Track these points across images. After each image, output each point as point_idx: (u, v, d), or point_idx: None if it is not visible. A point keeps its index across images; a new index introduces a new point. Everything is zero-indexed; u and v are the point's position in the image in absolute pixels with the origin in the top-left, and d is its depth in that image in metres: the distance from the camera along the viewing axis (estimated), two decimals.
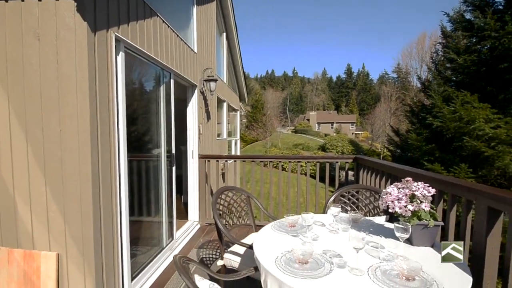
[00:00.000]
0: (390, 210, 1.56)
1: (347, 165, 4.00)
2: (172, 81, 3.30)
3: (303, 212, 1.74)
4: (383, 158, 24.22)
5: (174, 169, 3.38)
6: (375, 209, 2.36)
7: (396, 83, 40.83)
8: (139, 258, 2.66)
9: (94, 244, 1.85)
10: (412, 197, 1.53)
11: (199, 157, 4.19)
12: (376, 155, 28.28)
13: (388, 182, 2.86)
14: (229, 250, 2.20)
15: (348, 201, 2.48)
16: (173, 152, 3.36)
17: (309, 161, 4.32)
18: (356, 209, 2.46)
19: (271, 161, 4.34)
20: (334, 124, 55.17)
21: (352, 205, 2.47)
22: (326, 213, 2.16)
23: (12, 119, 1.85)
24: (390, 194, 1.58)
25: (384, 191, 1.65)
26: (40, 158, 1.84)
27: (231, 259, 2.09)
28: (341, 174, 4.28)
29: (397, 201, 1.53)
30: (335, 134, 45.62)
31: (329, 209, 1.88)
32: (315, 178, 4.12)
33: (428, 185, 1.56)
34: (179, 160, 4.34)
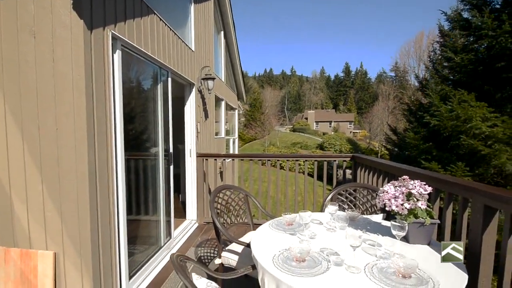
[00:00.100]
0: (387, 208, 1.56)
1: (344, 164, 4.01)
2: (170, 79, 3.28)
3: (300, 211, 1.74)
4: (381, 156, 24.31)
5: (172, 167, 3.38)
6: (372, 207, 2.37)
7: (394, 81, 41.00)
8: (136, 257, 2.65)
9: (91, 242, 1.85)
10: (409, 195, 1.54)
11: (197, 156, 4.18)
12: (374, 154, 28.39)
13: (385, 180, 2.87)
14: (227, 248, 2.20)
15: (345, 199, 2.49)
16: (171, 150, 3.35)
17: (307, 160, 4.33)
18: (354, 207, 2.46)
19: (269, 159, 4.34)
20: (332, 123, 55.27)
21: (349, 203, 2.48)
22: (323, 212, 2.17)
23: (8, 117, 1.83)
24: (387, 192, 1.59)
25: (381, 189, 1.66)
26: (37, 157, 1.83)
27: (229, 258, 2.10)
28: (339, 173, 4.29)
29: (393, 199, 1.54)
30: (333, 133, 45.72)
31: (327, 208, 1.89)
32: (313, 176, 4.13)
33: (425, 183, 1.57)
34: (177, 158, 4.33)
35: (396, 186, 1.61)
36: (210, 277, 1.69)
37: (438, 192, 1.98)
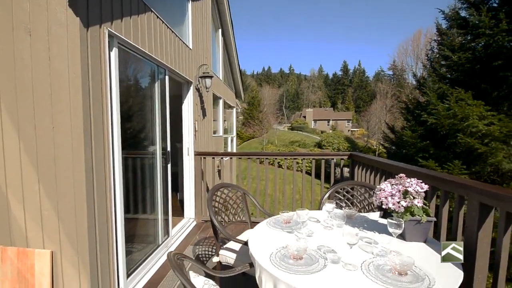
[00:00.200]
0: (383, 206, 1.57)
1: (342, 162, 4.02)
2: (167, 77, 3.27)
3: (298, 209, 1.74)
4: (378, 155, 24.39)
5: (169, 166, 3.37)
6: (370, 205, 2.38)
7: (392, 80, 41.03)
8: (134, 256, 2.65)
9: (88, 241, 1.84)
10: (405, 193, 1.55)
11: (194, 154, 4.18)
12: (372, 152, 28.48)
13: (382, 178, 2.89)
14: (224, 246, 2.20)
15: (343, 197, 2.50)
16: (169, 149, 3.35)
17: (305, 158, 4.34)
18: (351, 205, 2.47)
19: (267, 158, 4.35)
20: (330, 121, 55.37)
21: (347, 201, 2.49)
22: (321, 210, 2.18)
23: (4, 116, 1.82)
24: (383, 190, 1.60)
25: (378, 187, 1.67)
26: (33, 156, 1.81)
27: (227, 256, 2.10)
28: (336, 171, 4.30)
29: (390, 197, 1.55)
30: (331, 131, 45.80)
31: (324, 206, 1.89)
32: (311, 174, 4.14)
33: (421, 181, 1.58)
34: (175, 157, 4.32)
35: (393, 184, 1.62)
36: (207, 275, 1.69)
37: (435, 190, 1.99)
